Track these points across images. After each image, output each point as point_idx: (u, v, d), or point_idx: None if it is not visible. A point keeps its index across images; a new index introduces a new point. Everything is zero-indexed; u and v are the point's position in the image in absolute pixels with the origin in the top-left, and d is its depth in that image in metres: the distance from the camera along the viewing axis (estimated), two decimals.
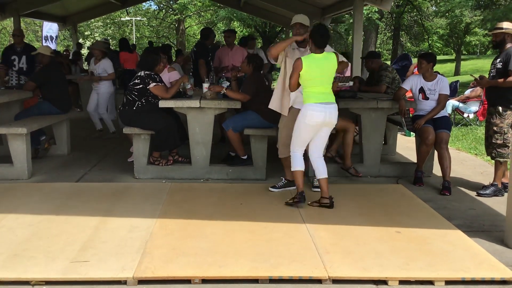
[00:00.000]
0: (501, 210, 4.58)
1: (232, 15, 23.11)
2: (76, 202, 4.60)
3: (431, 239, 3.79)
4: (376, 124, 5.76)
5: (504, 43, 5.00)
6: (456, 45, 31.18)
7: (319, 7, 11.33)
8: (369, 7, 17.45)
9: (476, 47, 40.16)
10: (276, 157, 5.00)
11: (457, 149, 7.66)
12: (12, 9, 10.65)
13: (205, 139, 5.54)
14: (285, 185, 5.07)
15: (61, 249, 3.51)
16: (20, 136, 5.48)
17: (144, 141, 5.60)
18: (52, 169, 6.05)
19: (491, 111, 5.11)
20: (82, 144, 7.49)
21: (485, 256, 3.50)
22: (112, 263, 3.30)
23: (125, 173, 5.83)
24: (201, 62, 7.63)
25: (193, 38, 34.33)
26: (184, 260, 3.36)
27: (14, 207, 4.44)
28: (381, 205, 4.63)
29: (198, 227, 3.98)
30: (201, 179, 5.56)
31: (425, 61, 5.48)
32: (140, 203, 4.60)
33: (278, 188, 5.05)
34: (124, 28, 34.92)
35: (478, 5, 22.31)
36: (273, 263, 3.32)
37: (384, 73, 6.74)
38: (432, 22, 30.12)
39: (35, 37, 32.38)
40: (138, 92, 5.53)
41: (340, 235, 3.86)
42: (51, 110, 6.43)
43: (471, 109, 9.92)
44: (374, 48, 20.23)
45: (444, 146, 5.32)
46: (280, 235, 3.84)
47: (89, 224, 4.01)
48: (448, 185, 5.22)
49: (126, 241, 3.67)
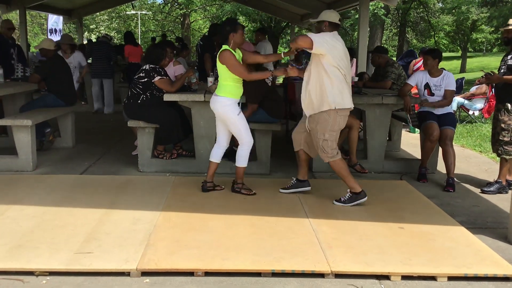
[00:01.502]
0: (505, 207, 4.57)
1: (237, 9, 23.06)
2: (80, 194, 4.62)
3: (434, 235, 3.78)
4: (381, 120, 5.75)
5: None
6: (462, 42, 31.07)
7: (325, 2, 11.27)
8: (375, 2, 17.39)
9: (483, 45, 40.01)
10: (280, 152, 4.99)
11: (461, 146, 7.64)
12: (18, 1, 10.66)
13: (209, 133, 5.54)
14: (294, 185, 4.84)
15: (65, 241, 3.52)
16: (25, 128, 5.50)
17: (148, 134, 5.61)
18: (57, 161, 6.07)
19: (499, 108, 5.08)
20: (86, 137, 7.51)
21: (488, 252, 3.50)
22: (116, 255, 3.31)
23: (129, 166, 5.85)
24: (206, 56, 7.64)
25: (198, 32, 34.32)
26: (187, 252, 3.38)
27: (19, 198, 4.47)
28: (385, 201, 4.63)
29: (202, 220, 3.99)
30: (205, 173, 5.55)
31: (430, 57, 5.46)
32: (144, 196, 4.61)
33: (288, 189, 4.84)
34: (129, 22, 34.92)
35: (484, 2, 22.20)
36: (276, 257, 3.33)
37: (390, 69, 6.72)
38: (438, 19, 29.99)
39: (40, 30, 32.47)
40: (142, 86, 5.53)
41: (343, 230, 3.86)
42: (56, 102, 6.45)
43: (477, 106, 9.89)
44: (379, 44, 20.15)
45: (448, 142, 5.30)
46: (283, 229, 3.85)
47: (93, 216, 4.02)
48: (452, 181, 5.21)
49: (130, 233, 3.69)
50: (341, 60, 4.30)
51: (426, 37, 31.89)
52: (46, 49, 6.49)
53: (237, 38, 4.51)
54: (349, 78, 4.43)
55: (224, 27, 4.57)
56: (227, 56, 4.45)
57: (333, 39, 4.32)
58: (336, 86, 4.30)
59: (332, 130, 4.36)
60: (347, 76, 4.38)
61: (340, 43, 4.36)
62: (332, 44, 4.27)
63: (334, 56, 4.25)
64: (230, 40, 4.50)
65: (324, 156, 4.43)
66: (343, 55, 4.34)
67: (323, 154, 4.43)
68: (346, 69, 4.37)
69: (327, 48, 4.23)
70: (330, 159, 4.41)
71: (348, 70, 4.41)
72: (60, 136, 6.81)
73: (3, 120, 5.64)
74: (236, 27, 4.52)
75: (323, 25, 4.42)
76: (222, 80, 4.58)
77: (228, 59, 4.44)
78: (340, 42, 4.37)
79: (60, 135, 6.81)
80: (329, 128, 4.35)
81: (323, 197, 4.69)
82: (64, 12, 14.09)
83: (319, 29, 4.46)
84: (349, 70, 4.44)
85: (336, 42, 4.32)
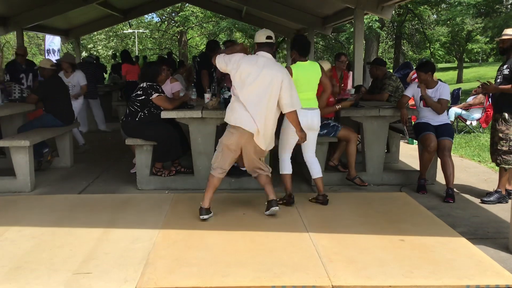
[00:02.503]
0: (506, 217, 4.56)
1: (233, 26, 23.24)
2: (78, 214, 4.60)
3: (435, 246, 3.76)
4: (378, 132, 5.75)
5: (511, 50, 4.99)
6: (458, 53, 31.24)
7: (320, 17, 11.38)
8: (370, 16, 17.52)
9: (478, 55, 40.20)
10: (278, 168, 4.98)
11: (460, 156, 7.64)
12: (15, 23, 10.75)
13: (207, 150, 5.54)
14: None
15: (63, 261, 3.50)
16: (23, 149, 5.49)
17: (146, 152, 5.61)
18: (55, 181, 6.06)
19: (497, 118, 5.08)
20: (84, 156, 7.51)
21: (489, 263, 3.48)
22: (115, 275, 3.29)
23: (128, 184, 5.83)
24: (204, 73, 7.65)
25: (195, 49, 34.52)
26: (187, 270, 3.35)
27: (17, 219, 4.44)
28: (385, 213, 4.62)
29: (201, 238, 3.97)
30: (204, 189, 5.53)
31: (422, 73, 5.48)
32: (142, 214, 4.59)
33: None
34: (126, 40, 35.15)
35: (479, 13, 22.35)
36: (276, 272, 3.31)
37: (387, 81, 6.75)
38: (433, 30, 30.19)
39: (38, 51, 32.65)
40: (140, 103, 5.54)
41: (343, 243, 3.84)
42: (54, 122, 6.45)
43: (474, 116, 9.91)
44: (376, 56, 20.25)
45: (447, 153, 5.30)
46: (283, 244, 3.83)
47: (92, 236, 4.00)
48: (451, 192, 5.20)
49: (129, 252, 3.66)
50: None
51: (422, 48, 32.05)
52: (43, 68, 6.52)
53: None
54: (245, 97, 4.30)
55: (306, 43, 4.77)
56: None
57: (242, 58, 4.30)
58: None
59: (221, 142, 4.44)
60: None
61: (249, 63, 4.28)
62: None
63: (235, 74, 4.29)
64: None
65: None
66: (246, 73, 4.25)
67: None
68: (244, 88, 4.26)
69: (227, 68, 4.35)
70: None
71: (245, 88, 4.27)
72: (58, 156, 6.80)
73: (1, 141, 5.64)
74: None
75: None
76: (315, 93, 4.81)
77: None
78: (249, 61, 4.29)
79: (58, 155, 6.81)
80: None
81: (322, 210, 4.68)
82: (62, 32, 14.20)
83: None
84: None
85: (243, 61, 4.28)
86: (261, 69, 4.22)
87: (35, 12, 10.79)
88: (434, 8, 26.19)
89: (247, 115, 4.23)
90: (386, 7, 8.34)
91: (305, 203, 4.89)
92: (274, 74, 4.23)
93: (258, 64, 4.25)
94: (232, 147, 4.34)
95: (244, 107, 4.23)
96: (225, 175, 4.52)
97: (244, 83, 4.23)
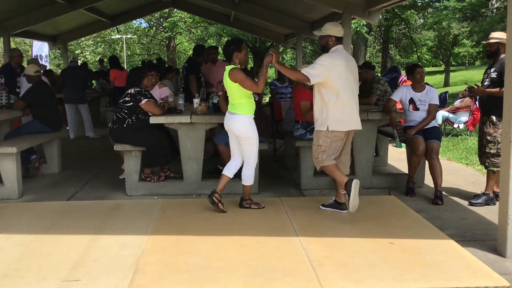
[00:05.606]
0: (493, 219, 4.59)
1: (222, 31, 23.23)
2: (67, 221, 4.56)
3: (425, 249, 3.78)
4: (367, 136, 5.78)
5: (498, 53, 5.02)
6: (444, 56, 31.55)
7: (308, 22, 11.42)
8: (357, 20, 17.63)
9: (465, 58, 40.55)
10: (268, 171, 4.99)
11: (448, 159, 7.70)
12: (1, 29, 10.64)
13: (196, 155, 5.53)
14: (331, 205, 4.85)
15: (52, 268, 3.46)
16: (10, 156, 5.44)
17: (135, 157, 5.58)
18: (43, 188, 6.00)
19: (484, 121, 5.11)
20: (73, 162, 7.45)
21: (478, 265, 3.50)
22: (104, 281, 3.26)
23: (116, 190, 5.80)
24: (191, 78, 7.66)
25: (184, 54, 34.49)
26: (177, 276, 3.33)
27: (5, 227, 4.39)
28: (374, 216, 4.63)
29: (191, 243, 3.95)
30: (193, 194, 5.53)
31: (421, 69, 5.58)
32: (132, 220, 4.56)
33: (325, 207, 4.86)
34: (114, 46, 35.01)
35: (465, 17, 22.60)
36: (267, 278, 3.30)
37: (376, 85, 6.79)
38: (420, 35, 30.45)
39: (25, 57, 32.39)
40: (128, 110, 5.51)
41: (333, 247, 3.85)
42: (41, 128, 6.40)
43: (461, 119, 9.99)
44: (364, 60, 20.39)
45: (435, 156, 5.34)
46: (273, 248, 3.82)
47: (81, 243, 3.97)
48: (440, 194, 5.24)
49: (118, 259, 3.63)
50: (339, 79, 4.42)
51: (409, 52, 32.33)
52: (28, 75, 6.48)
53: (241, 57, 4.62)
54: (351, 94, 4.53)
55: (228, 46, 4.67)
56: (237, 73, 4.53)
57: (332, 58, 4.45)
58: (331, 109, 4.46)
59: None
60: (349, 92, 4.49)
61: (342, 59, 4.47)
62: (329, 67, 4.39)
63: (332, 79, 4.40)
64: (234, 60, 4.60)
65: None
66: (343, 72, 4.43)
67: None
68: (348, 86, 4.48)
69: (323, 76, 4.40)
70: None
71: (351, 85, 4.51)
72: (46, 163, 6.74)
73: None
74: (240, 46, 4.64)
75: (329, 40, 4.55)
76: (236, 99, 4.63)
77: (239, 75, 4.51)
78: (341, 58, 4.48)
79: (46, 161, 6.75)
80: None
81: (312, 214, 4.68)
82: (49, 38, 14.09)
83: (324, 42, 4.58)
84: (352, 84, 4.53)
85: (336, 60, 4.44)
86: (346, 61, 4.49)
87: (22, 18, 10.69)
88: (420, 13, 26.44)
89: (353, 114, 4.56)
90: (373, 12, 8.39)
91: (295, 207, 4.90)
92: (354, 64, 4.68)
93: (346, 57, 4.54)
94: (338, 144, 4.61)
95: (347, 104, 4.49)
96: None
97: (341, 79, 4.43)
